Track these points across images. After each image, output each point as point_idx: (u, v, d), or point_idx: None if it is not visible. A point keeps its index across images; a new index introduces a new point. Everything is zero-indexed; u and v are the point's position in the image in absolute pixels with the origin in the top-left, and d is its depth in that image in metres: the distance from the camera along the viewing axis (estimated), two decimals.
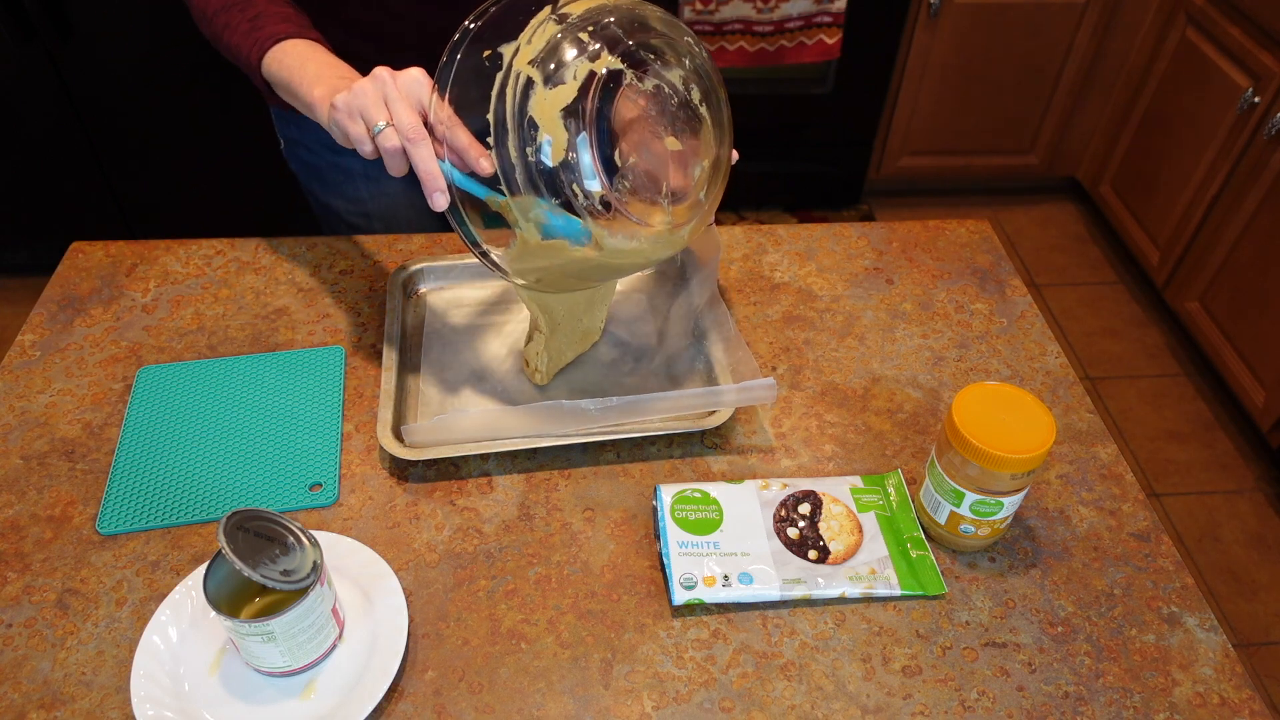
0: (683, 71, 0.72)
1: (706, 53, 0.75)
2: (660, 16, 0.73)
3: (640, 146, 0.71)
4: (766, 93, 2.20)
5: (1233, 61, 1.90)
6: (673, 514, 0.75)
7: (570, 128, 0.67)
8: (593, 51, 0.68)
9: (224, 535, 0.60)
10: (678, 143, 0.72)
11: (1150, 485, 1.89)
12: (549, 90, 0.67)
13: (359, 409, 0.85)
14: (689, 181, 0.74)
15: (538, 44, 0.69)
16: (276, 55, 0.80)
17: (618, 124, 0.70)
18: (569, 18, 0.70)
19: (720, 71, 0.77)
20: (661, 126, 0.71)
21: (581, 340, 0.89)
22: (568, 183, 0.68)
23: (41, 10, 1.76)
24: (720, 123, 0.76)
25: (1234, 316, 1.93)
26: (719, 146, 0.76)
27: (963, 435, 0.67)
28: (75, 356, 0.89)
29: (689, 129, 0.73)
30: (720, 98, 0.76)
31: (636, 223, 0.71)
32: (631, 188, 0.71)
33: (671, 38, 0.72)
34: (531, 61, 0.68)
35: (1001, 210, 2.56)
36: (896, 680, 0.67)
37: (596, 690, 0.66)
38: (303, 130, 1.08)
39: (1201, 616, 0.72)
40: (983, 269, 1.03)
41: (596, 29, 0.69)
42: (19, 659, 0.67)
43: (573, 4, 0.71)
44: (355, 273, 0.99)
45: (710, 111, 0.74)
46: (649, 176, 0.72)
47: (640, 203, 0.72)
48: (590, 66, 0.68)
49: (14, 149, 1.96)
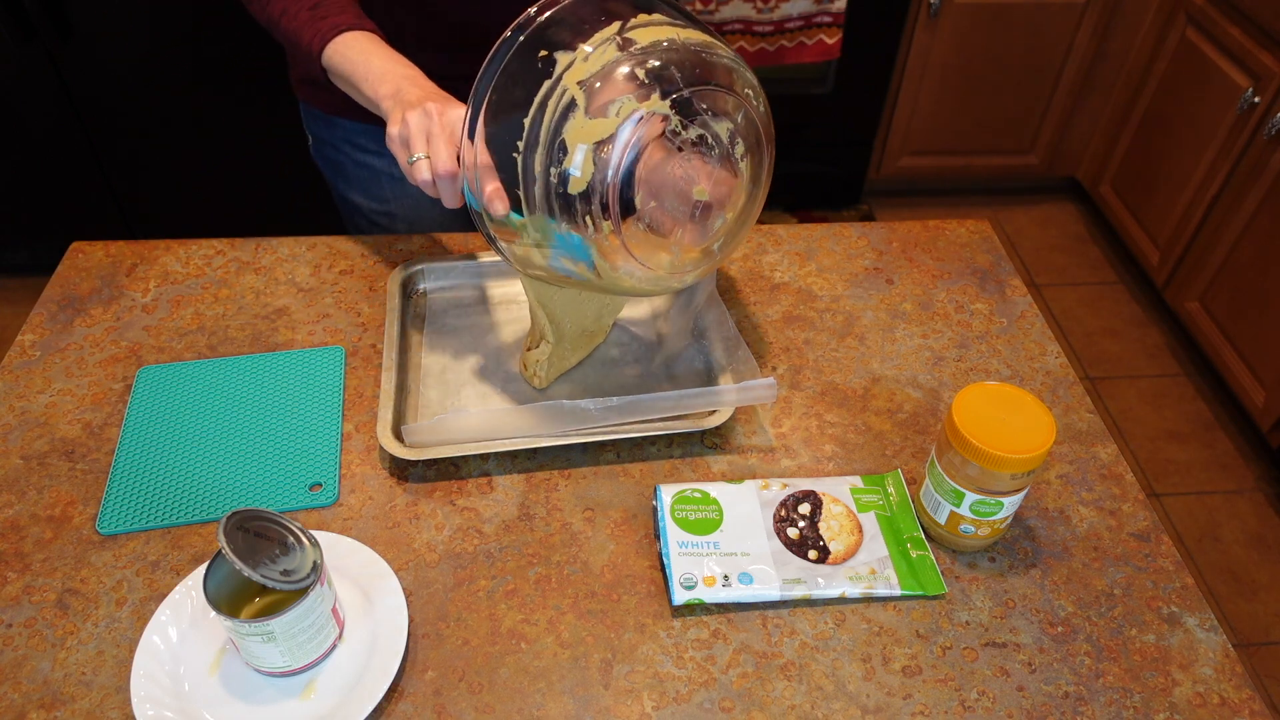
0: (731, 125, 0.70)
1: (764, 104, 0.74)
2: (727, 62, 0.71)
3: (666, 190, 0.70)
4: (766, 93, 2.19)
5: (1233, 61, 1.90)
6: (673, 514, 0.75)
7: (598, 162, 0.67)
8: (643, 91, 0.66)
9: (224, 535, 0.60)
10: (706, 193, 0.71)
11: (1150, 485, 1.89)
12: (589, 119, 0.66)
13: (359, 409, 0.85)
14: (707, 232, 0.73)
15: (594, 64, 0.67)
16: (339, 47, 0.83)
17: (651, 163, 0.69)
18: (633, 45, 0.68)
19: (773, 126, 0.75)
20: (694, 174, 0.70)
21: (584, 347, 0.89)
22: (582, 213, 0.68)
23: (41, 10, 1.76)
24: (758, 179, 0.74)
25: (1234, 316, 1.93)
26: (749, 203, 0.75)
27: (963, 435, 0.67)
28: (75, 356, 0.89)
29: (723, 181, 0.72)
30: (766, 154, 0.74)
31: (640, 264, 0.72)
32: (645, 229, 0.70)
33: (732, 86, 0.70)
34: (581, 82, 0.67)
35: (1001, 210, 2.56)
36: (896, 680, 0.67)
37: (596, 690, 0.66)
38: (330, 129, 1.08)
39: (1201, 616, 0.72)
40: (983, 269, 1.03)
41: (655, 67, 0.67)
42: (19, 659, 0.67)
43: (643, 28, 0.69)
44: (355, 273, 0.99)
45: (751, 167, 0.73)
46: (667, 220, 0.71)
47: (650, 244, 0.71)
48: (636, 106, 0.66)
49: (14, 149, 1.96)
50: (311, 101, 1.08)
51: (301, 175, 2.00)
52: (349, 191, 1.13)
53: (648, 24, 0.70)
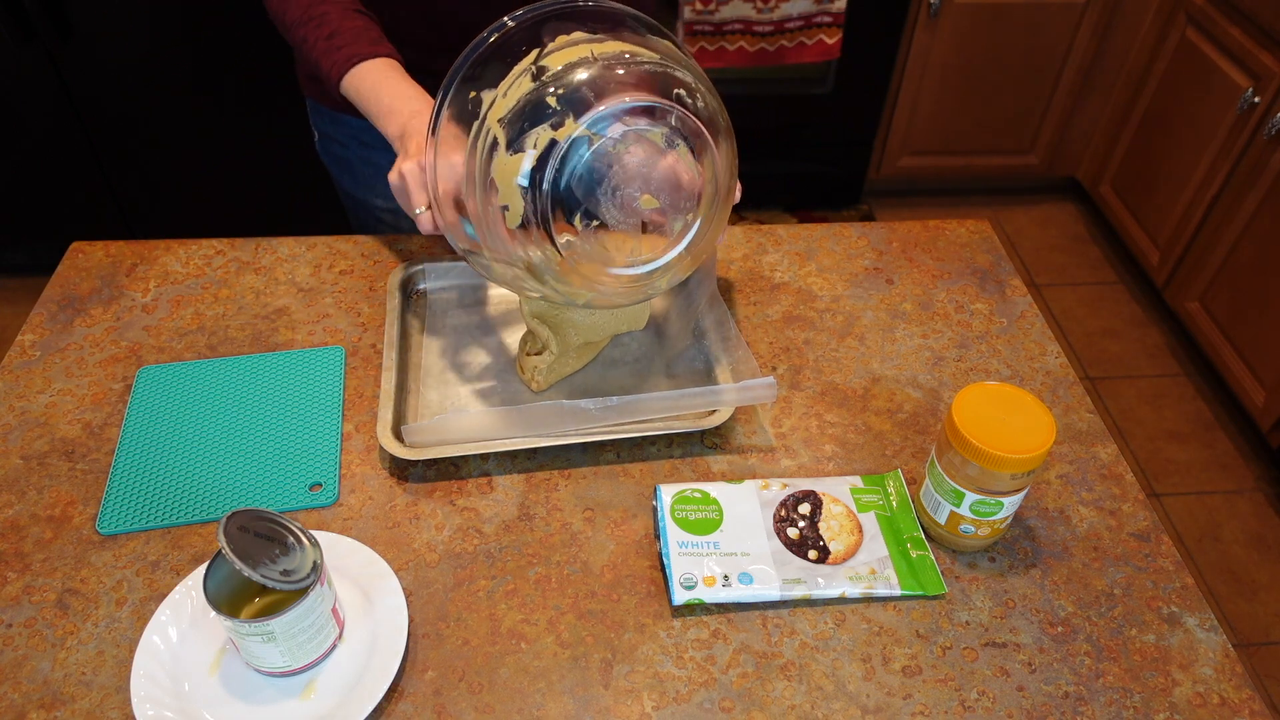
0: (666, 129, 0.70)
1: (706, 98, 0.72)
2: (650, 67, 0.70)
3: (607, 207, 0.70)
4: (766, 93, 2.20)
5: (1233, 61, 1.90)
6: (673, 514, 0.75)
7: (526, 196, 0.68)
8: (557, 119, 0.67)
9: (224, 535, 0.60)
10: (655, 201, 0.71)
11: (1150, 485, 1.89)
12: (509, 156, 0.68)
13: (359, 409, 0.85)
14: (669, 235, 0.74)
15: (511, 99, 0.68)
16: (353, 80, 0.86)
17: (584, 184, 0.69)
18: (546, 72, 0.68)
19: (722, 116, 0.74)
20: (635, 185, 0.70)
21: (586, 355, 0.89)
22: (524, 243, 0.70)
23: (41, 10, 1.76)
24: (714, 173, 0.73)
25: (1234, 316, 1.93)
26: (713, 197, 0.74)
27: (963, 435, 0.67)
28: (75, 356, 0.89)
29: (670, 186, 0.72)
30: (716, 148, 0.73)
31: (595, 281, 0.73)
32: (597, 247, 0.71)
33: (657, 89, 0.69)
34: (501, 120, 0.68)
35: (1001, 210, 2.56)
36: (896, 680, 0.67)
37: (596, 690, 0.66)
38: (337, 125, 1.09)
39: (1201, 616, 0.72)
40: (983, 269, 1.03)
41: (567, 91, 0.67)
42: (19, 659, 0.67)
43: (555, 53, 0.69)
44: (355, 273, 0.99)
45: (707, 164, 0.72)
46: (615, 235, 0.72)
47: (605, 259, 0.72)
48: (552, 135, 0.67)
49: (14, 149, 1.96)
50: (318, 98, 1.08)
51: (302, 175, 2.00)
52: (355, 188, 1.13)
53: (564, 46, 0.70)
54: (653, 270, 0.75)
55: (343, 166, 1.12)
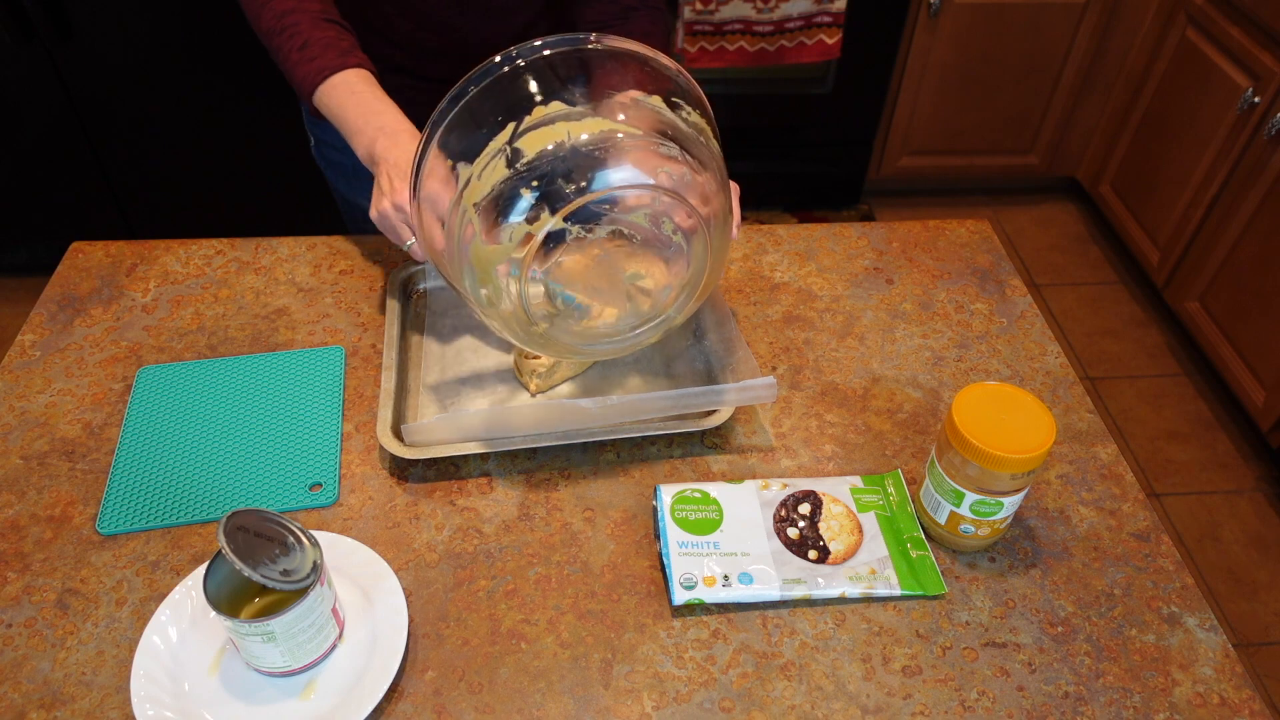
0: (649, 209, 0.69)
1: (697, 155, 0.70)
2: (630, 144, 0.67)
3: (590, 284, 0.71)
4: (766, 93, 2.20)
5: (1233, 61, 1.90)
6: (673, 514, 0.75)
7: (504, 285, 0.69)
8: (532, 213, 0.66)
9: (224, 535, 0.60)
10: (641, 275, 0.73)
11: (1150, 485, 1.89)
12: (485, 246, 0.67)
13: (359, 409, 0.85)
14: (659, 298, 0.76)
15: (487, 182, 0.67)
16: (322, 96, 0.85)
17: (564, 271, 0.70)
18: (521, 156, 0.66)
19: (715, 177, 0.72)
20: (619, 260, 0.71)
21: (586, 363, 0.89)
22: (504, 322, 0.72)
23: (41, 10, 1.76)
24: (699, 255, 0.73)
25: (1234, 316, 1.93)
26: (701, 260, 0.74)
27: (963, 435, 0.67)
28: (75, 356, 0.89)
29: (655, 259, 0.73)
30: (708, 218, 0.71)
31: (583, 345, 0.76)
32: (584, 319, 0.74)
33: (642, 165, 0.67)
34: (476, 204, 0.67)
35: (1001, 210, 2.56)
36: (896, 680, 0.67)
37: (596, 690, 0.66)
38: (329, 131, 1.09)
39: (1201, 616, 0.72)
40: (983, 269, 1.03)
41: (542, 182, 0.66)
42: (19, 659, 0.67)
43: (533, 132, 0.67)
44: (355, 273, 0.99)
45: (685, 238, 0.72)
46: (596, 307, 0.74)
47: (574, 335, 0.75)
48: (528, 229, 0.66)
49: (14, 149, 1.96)
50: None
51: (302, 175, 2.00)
52: (350, 192, 1.13)
53: (541, 122, 0.67)
54: (639, 333, 0.77)
55: (338, 171, 1.12)
